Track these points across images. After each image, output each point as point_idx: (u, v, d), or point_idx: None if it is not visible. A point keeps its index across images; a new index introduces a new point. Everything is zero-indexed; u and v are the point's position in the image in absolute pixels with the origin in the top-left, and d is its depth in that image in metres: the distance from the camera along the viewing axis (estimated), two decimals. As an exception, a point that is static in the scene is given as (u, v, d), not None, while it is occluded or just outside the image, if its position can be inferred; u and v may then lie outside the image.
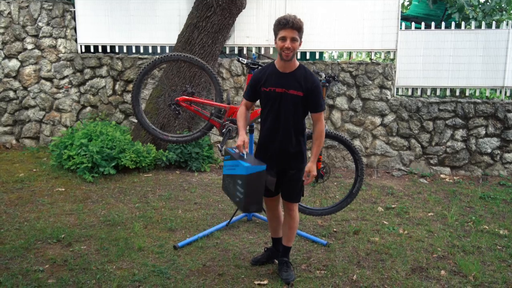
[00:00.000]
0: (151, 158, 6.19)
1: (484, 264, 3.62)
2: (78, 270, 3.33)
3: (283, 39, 2.93)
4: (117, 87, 7.14)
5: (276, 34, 3.00)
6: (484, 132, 6.59)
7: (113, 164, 5.88)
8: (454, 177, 6.51)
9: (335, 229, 4.31)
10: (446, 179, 6.44)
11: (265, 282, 3.23)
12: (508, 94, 6.75)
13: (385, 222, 4.54)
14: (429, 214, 4.86)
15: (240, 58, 3.79)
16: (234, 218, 4.40)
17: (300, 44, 3.01)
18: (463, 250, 3.87)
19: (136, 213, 4.64)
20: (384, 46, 6.79)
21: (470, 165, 6.66)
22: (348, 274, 3.38)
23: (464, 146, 6.64)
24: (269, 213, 3.48)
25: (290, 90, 3.04)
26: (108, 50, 7.31)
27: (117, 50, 7.63)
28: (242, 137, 3.10)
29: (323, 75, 3.87)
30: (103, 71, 7.14)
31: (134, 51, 7.25)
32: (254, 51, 7.16)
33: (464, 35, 6.61)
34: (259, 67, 3.60)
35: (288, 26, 2.90)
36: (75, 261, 3.48)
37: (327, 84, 3.83)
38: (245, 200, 2.97)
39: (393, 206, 5.06)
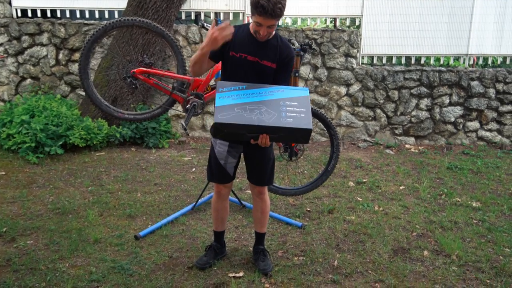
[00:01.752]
0: (103, 135, 5.65)
1: (464, 240, 3.50)
2: (24, 271, 2.88)
3: (258, 24, 2.50)
4: (60, 56, 6.44)
5: (252, 13, 2.50)
6: (448, 101, 6.53)
7: (61, 142, 5.31)
8: (419, 147, 6.44)
9: (308, 209, 4.07)
10: (412, 149, 6.36)
11: (241, 274, 2.93)
12: (471, 62, 6.68)
13: (358, 198, 4.34)
14: (401, 187, 4.72)
15: (205, 24, 3.35)
16: (200, 200, 4.05)
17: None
18: (441, 226, 3.74)
19: (90, 198, 4.18)
20: (350, 12, 6.48)
21: (434, 134, 6.61)
22: (328, 260, 3.14)
23: (429, 116, 6.56)
24: (218, 203, 2.99)
25: (264, 60, 2.65)
26: (49, 14, 6.55)
27: (58, 15, 6.85)
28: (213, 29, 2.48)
29: (296, 44, 3.50)
30: (44, 38, 6.39)
31: (78, 16, 6.55)
32: (212, 16, 6.65)
33: (430, 1, 6.41)
34: None
35: (265, 16, 2.43)
36: (20, 259, 3.02)
37: (301, 53, 3.47)
38: (310, 117, 2.42)
39: (364, 180, 4.88)
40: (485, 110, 6.54)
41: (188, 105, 3.31)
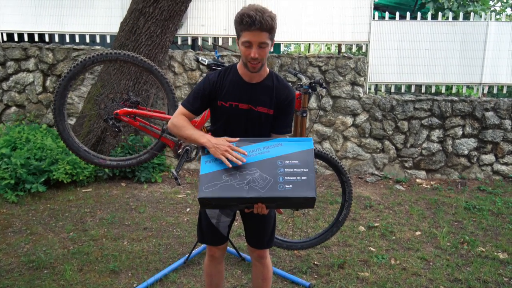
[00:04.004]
0: (91, 169, 5.21)
1: (497, 306, 3.04)
2: None
3: (248, 44, 2.06)
4: (48, 83, 6.03)
5: (238, 35, 2.10)
6: (461, 132, 6.11)
7: (43, 179, 4.87)
8: (431, 182, 6.00)
9: (316, 262, 3.60)
10: (423, 184, 5.91)
11: None
12: (485, 91, 6.30)
13: (371, 248, 3.88)
14: (417, 233, 4.26)
15: (200, 58, 2.94)
16: (194, 252, 3.58)
17: (272, 46, 2.14)
18: (468, 286, 3.27)
19: (70, 247, 3.71)
20: (356, 38, 6.11)
21: (447, 168, 6.18)
22: (342, 335, 2.67)
23: (441, 148, 6.14)
24: (212, 267, 2.54)
25: (258, 107, 2.21)
26: (36, 39, 6.17)
27: (47, 40, 6.47)
28: (211, 138, 2.14)
29: (304, 79, 3.08)
30: (31, 64, 6.00)
31: (68, 40, 6.16)
32: (210, 41, 6.28)
33: (441, 27, 6.05)
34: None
35: (255, 28, 2.00)
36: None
37: (309, 91, 3.04)
38: (313, 181, 1.98)
39: (375, 224, 4.43)
40: (501, 142, 6.12)
41: (180, 150, 2.88)
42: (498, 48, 6.08)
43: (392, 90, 6.41)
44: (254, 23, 1.99)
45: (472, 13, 6.20)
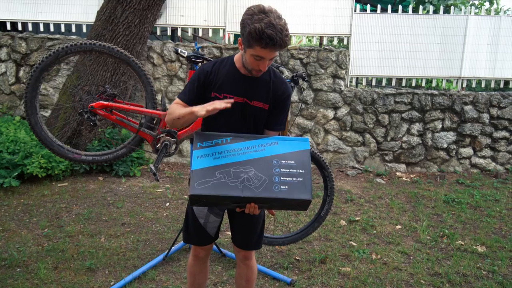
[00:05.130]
0: (67, 162, 5.06)
1: (476, 300, 3.06)
2: None
3: (260, 58, 1.98)
4: (21, 73, 5.82)
5: (247, 45, 1.98)
6: (440, 126, 6.16)
7: (16, 173, 4.70)
8: (411, 175, 6.04)
9: (297, 257, 3.56)
10: (403, 178, 5.95)
11: None
12: (464, 85, 6.35)
13: (353, 243, 3.87)
14: (397, 227, 4.28)
15: (179, 49, 2.84)
16: (173, 248, 3.50)
17: None
18: (448, 280, 3.29)
19: (44, 244, 3.59)
20: (338, 30, 6.07)
21: (426, 161, 6.22)
22: (324, 332, 2.65)
23: (420, 141, 6.18)
24: (196, 267, 2.45)
25: (254, 101, 2.15)
26: (9, 27, 5.94)
27: (20, 28, 6.23)
28: (202, 105, 1.99)
29: (286, 72, 3.02)
30: (3, 53, 5.77)
31: (42, 29, 5.95)
32: (190, 32, 6.16)
33: (421, 20, 6.06)
34: (208, 61, 2.67)
35: (275, 47, 1.93)
36: None
37: (292, 84, 2.98)
38: (310, 183, 1.93)
39: (356, 218, 4.42)
40: (479, 136, 6.20)
41: (159, 145, 2.78)
42: (477, 42, 6.13)
43: (373, 83, 6.40)
44: (275, 44, 1.91)
45: (452, 7, 6.22)
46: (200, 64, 2.86)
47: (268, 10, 1.96)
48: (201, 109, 1.93)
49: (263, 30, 1.88)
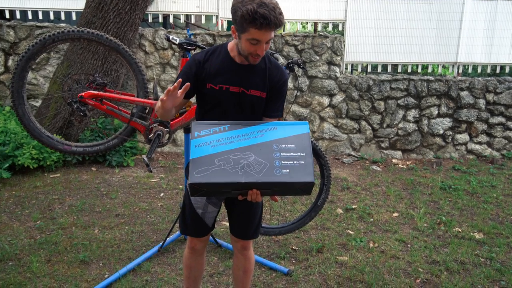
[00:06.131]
0: (59, 153, 4.97)
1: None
2: None
3: (255, 42, 1.92)
4: (10, 62, 5.70)
5: (242, 29, 1.92)
6: (436, 112, 6.12)
7: (7, 164, 4.62)
8: (407, 162, 6.01)
9: (294, 247, 3.53)
10: (399, 165, 5.92)
11: None
12: (460, 70, 6.30)
13: (350, 231, 3.84)
14: (394, 214, 4.25)
15: (171, 36, 2.75)
16: (168, 239, 3.45)
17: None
18: (446, 268, 3.27)
19: (37, 237, 3.53)
20: (332, 16, 5.98)
21: (422, 147, 6.19)
22: (322, 322, 2.62)
23: (416, 128, 6.14)
24: (192, 259, 2.40)
25: (251, 90, 2.08)
26: (-4, 15, 5.81)
27: (7, 16, 6.09)
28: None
29: (281, 59, 2.94)
30: (-10, 42, 5.65)
31: (30, 17, 5.81)
32: (182, 19, 6.04)
33: (417, 5, 5.97)
34: (201, 50, 2.59)
35: (270, 26, 1.86)
36: None
37: (287, 71, 2.91)
38: (311, 166, 1.87)
39: (353, 206, 4.39)
40: (475, 122, 6.17)
41: (151, 135, 2.71)
42: (473, 27, 6.06)
43: (369, 69, 6.33)
44: (269, 23, 1.84)
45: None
46: (192, 51, 2.78)
47: None
48: (162, 97, 1.93)
49: (255, 10, 1.82)
